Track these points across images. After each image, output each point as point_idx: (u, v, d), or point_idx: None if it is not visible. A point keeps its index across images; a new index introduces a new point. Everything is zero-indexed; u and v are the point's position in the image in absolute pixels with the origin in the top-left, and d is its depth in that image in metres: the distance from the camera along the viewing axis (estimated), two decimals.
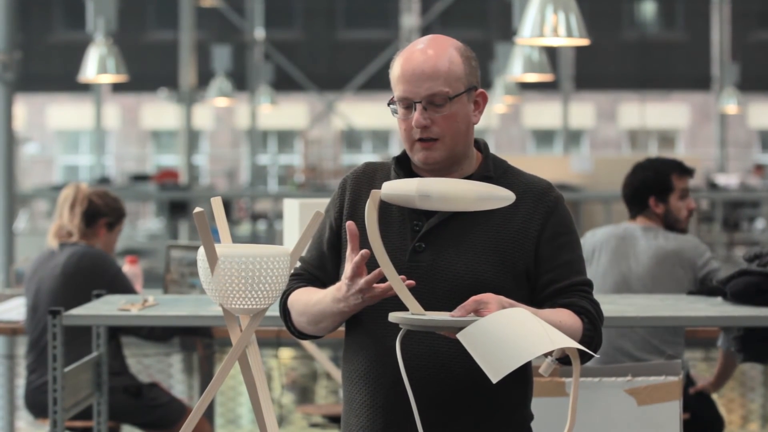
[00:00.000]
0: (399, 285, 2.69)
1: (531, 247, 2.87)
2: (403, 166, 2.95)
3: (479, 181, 2.84)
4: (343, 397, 3.00)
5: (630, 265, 5.12)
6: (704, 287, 4.84)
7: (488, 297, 2.66)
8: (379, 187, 2.89)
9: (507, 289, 2.79)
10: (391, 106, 2.90)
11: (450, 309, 2.73)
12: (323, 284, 2.91)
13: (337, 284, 2.78)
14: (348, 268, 2.71)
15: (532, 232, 2.88)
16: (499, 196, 2.76)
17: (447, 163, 2.89)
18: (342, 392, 3.00)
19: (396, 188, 2.74)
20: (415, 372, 2.75)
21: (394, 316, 2.68)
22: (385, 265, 2.67)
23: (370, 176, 2.98)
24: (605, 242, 5.19)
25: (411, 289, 2.71)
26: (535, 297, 2.88)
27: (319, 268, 2.96)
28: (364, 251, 2.68)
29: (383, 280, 2.70)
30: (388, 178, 2.93)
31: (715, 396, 5.47)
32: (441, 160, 2.88)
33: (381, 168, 3.00)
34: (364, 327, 2.88)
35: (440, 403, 2.82)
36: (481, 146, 2.98)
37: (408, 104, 2.86)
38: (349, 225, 2.72)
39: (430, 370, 2.81)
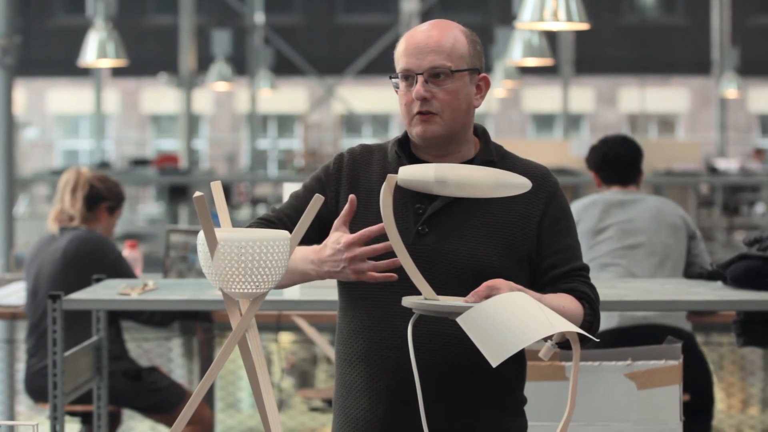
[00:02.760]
0: (413, 269, 2.68)
1: (533, 232, 2.88)
2: (404, 148, 2.95)
3: (481, 166, 2.83)
4: (337, 380, 2.97)
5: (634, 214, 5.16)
6: (704, 271, 4.83)
7: (500, 283, 2.66)
8: (376, 170, 2.89)
9: (511, 272, 2.79)
10: (393, 80, 2.90)
11: (453, 293, 2.74)
12: None
13: (316, 246, 2.75)
14: (352, 234, 2.67)
15: (534, 217, 2.88)
16: (517, 184, 2.75)
17: (445, 140, 2.88)
18: (336, 374, 2.98)
19: (413, 173, 2.73)
20: (421, 354, 2.74)
21: (408, 301, 2.68)
22: (400, 251, 2.66)
23: (367, 159, 2.97)
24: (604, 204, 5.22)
25: None
26: (536, 281, 2.89)
27: (293, 222, 2.85)
28: (380, 225, 2.65)
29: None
30: (385, 162, 2.93)
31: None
32: (439, 135, 2.86)
33: (377, 150, 2.99)
34: (366, 308, 2.87)
35: (444, 385, 2.82)
36: (479, 132, 2.97)
37: (410, 77, 2.86)
38: (352, 198, 2.71)
39: (435, 353, 2.81)
